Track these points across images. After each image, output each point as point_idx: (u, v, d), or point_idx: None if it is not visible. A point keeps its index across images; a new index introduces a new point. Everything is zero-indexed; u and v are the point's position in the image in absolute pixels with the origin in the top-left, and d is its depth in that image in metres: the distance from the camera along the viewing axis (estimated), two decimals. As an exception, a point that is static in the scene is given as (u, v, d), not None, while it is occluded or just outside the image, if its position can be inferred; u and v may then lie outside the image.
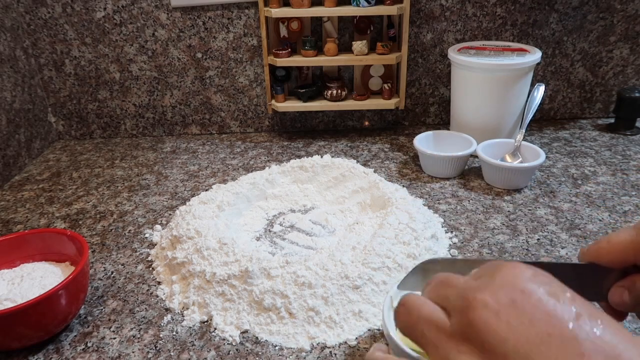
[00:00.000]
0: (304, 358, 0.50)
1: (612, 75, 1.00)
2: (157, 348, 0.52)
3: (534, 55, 0.84)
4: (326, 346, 0.51)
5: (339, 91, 0.95)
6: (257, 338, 0.53)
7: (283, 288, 0.54)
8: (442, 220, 0.71)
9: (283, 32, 0.94)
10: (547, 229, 0.69)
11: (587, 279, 0.37)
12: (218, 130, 1.06)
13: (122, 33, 0.96)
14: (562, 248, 0.65)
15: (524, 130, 0.83)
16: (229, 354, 0.51)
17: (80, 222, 0.76)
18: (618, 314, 0.36)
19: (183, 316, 0.56)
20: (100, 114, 1.04)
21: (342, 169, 0.78)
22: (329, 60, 0.92)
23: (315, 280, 0.55)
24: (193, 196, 0.79)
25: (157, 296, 0.60)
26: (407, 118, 1.05)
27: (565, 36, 0.97)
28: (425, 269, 0.49)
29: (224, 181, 0.85)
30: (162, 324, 0.55)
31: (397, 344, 0.43)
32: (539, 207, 0.74)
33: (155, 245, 0.69)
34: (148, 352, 0.52)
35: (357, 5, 0.87)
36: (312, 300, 0.54)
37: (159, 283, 0.62)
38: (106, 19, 0.95)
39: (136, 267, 0.65)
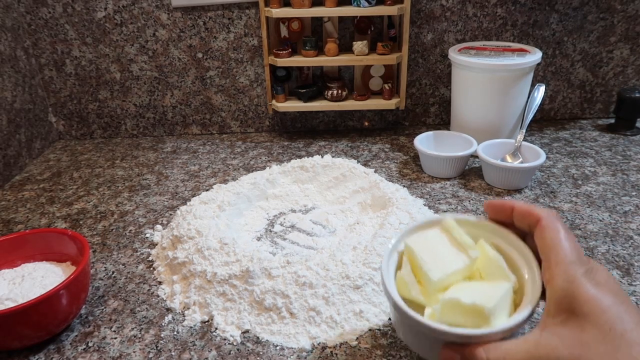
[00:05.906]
0: (305, 358, 0.50)
1: (613, 76, 1.00)
2: (158, 348, 0.52)
3: (534, 56, 0.84)
4: (327, 346, 0.52)
5: (340, 91, 0.95)
6: (258, 338, 0.53)
7: (284, 288, 0.54)
8: (443, 221, 0.71)
9: (284, 32, 0.94)
10: (547, 229, 0.68)
11: None
12: (218, 130, 1.06)
13: (122, 33, 0.96)
14: (562, 248, 0.64)
15: (524, 131, 0.83)
16: (230, 353, 0.51)
17: (81, 222, 0.76)
18: None
19: (184, 316, 0.56)
20: (100, 114, 1.04)
21: (342, 169, 0.79)
22: (329, 60, 0.92)
23: (316, 280, 0.55)
24: (194, 196, 0.79)
25: (158, 296, 0.60)
26: (408, 118, 1.05)
27: (565, 36, 0.97)
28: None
29: (225, 181, 0.85)
30: (163, 324, 0.55)
31: (396, 301, 0.41)
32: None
33: (156, 245, 0.69)
34: (149, 352, 0.52)
35: (358, 6, 0.87)
36: (313, 300, 0.54)
37: (160, 283, 0.62)
38: (107, 19, 0.95)
39: (137, 267, 0.65)
